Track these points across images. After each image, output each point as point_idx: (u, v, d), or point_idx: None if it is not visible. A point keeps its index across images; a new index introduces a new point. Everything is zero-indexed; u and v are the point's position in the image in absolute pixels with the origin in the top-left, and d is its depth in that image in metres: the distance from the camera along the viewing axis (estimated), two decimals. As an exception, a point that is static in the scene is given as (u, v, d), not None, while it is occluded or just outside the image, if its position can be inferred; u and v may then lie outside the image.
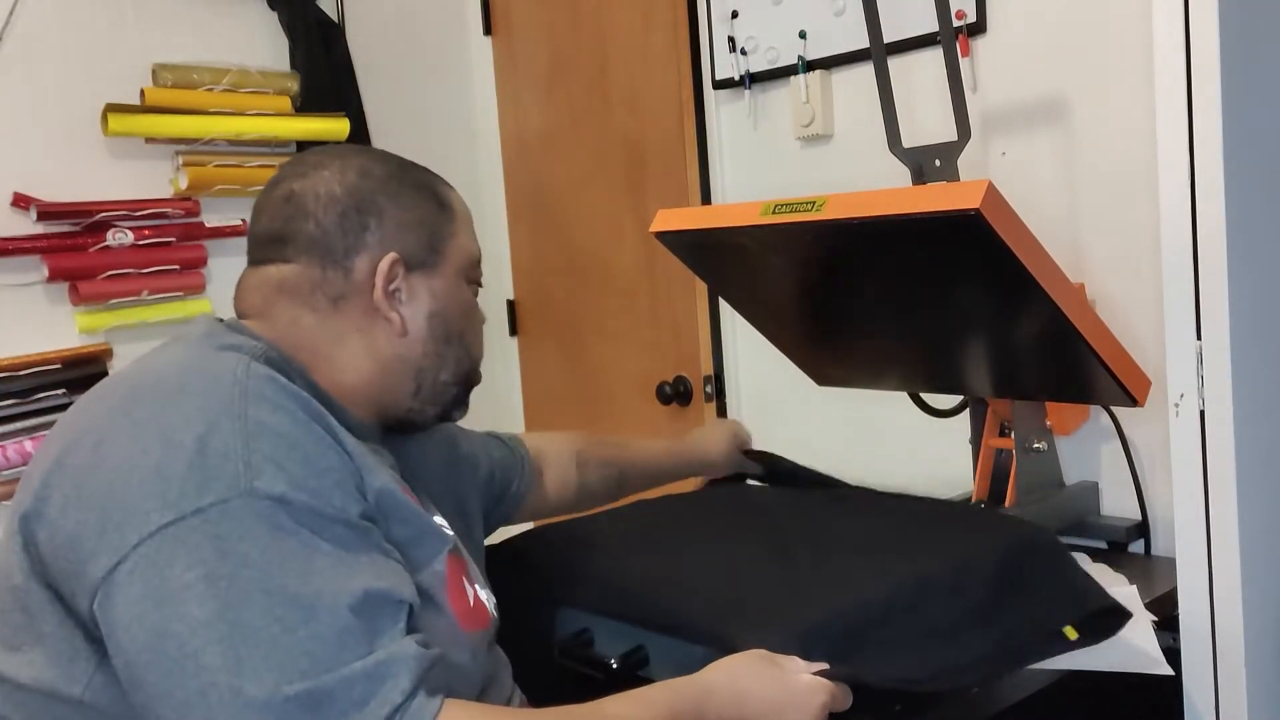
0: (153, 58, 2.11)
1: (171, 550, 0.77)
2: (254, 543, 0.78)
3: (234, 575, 0.76)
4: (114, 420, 0.85)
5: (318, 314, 0.98)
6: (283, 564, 0.78)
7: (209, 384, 0.86)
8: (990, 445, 1.56)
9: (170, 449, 0.80)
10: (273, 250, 1.00)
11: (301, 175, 1.01)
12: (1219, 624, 1.14)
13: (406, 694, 0.77)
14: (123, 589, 0.77)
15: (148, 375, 0.90)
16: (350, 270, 0.98)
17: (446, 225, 1.04)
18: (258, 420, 0.83)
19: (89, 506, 0.80)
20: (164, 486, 0.78)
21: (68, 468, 0.84)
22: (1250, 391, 1.12)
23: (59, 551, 0.81)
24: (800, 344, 1.60)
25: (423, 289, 1.01)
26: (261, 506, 0.79)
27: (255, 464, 0.80)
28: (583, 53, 2.37)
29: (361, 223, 0.99)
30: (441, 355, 1.03)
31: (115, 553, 0.77)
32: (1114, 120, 1.53)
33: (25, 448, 1.93)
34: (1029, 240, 1.15)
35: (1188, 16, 1.09)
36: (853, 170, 1.86)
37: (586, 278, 2.41)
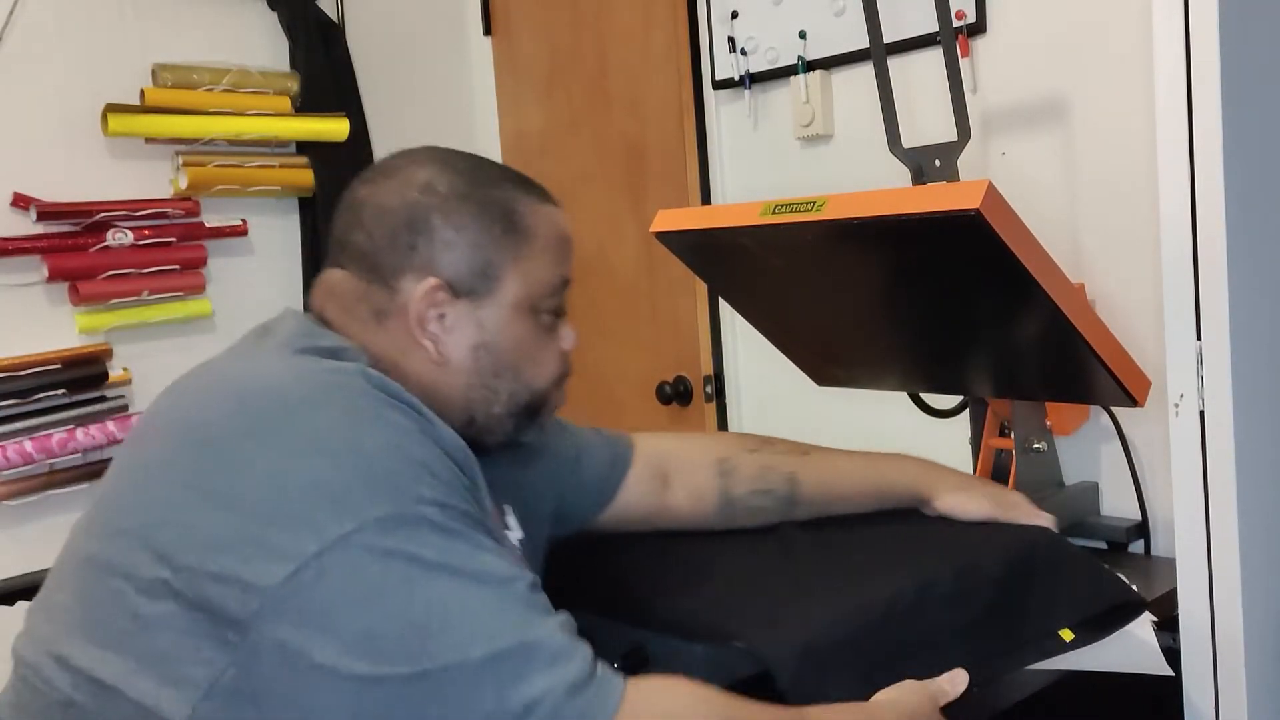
0: (153, 58, 2.11)
1: (360, 557, 0.76)
2: (430, 546, 0.78)
3: (427, 573, 0.77)
4: (242, 428, 0.83)
5: (363, 325, 0.96)
6: (460, 557, 0.79)
7: (338, 392, 0.85)
8: (990, 445, 1.56)
9: (324, 458, 0.80)
10: (335, 253, 0.99)
11: (371, 181, 0.99)
12: (1219, 624, 1.14)
13: (593, 656, 0.81)
14: (307, 594, 0.75)
15: (258, 382, 0.87)
16: (395, 290, 0.95)
17: (511, 250, 0.97)
18: (398, 424, 0.84)
19: (241, 513, 0.78)
20: (330, 496, 0.78)
21: (196, 474, 0.81)
22: (1250, 391, 1.12)
23: (203, 557, 0.78)
24: (800, 344, 1.60)
25: (469, 318, 0.96)
26: (431, 513, 0.79)
27: (414, 470, 0.81)
28: (583, 53, 2.37)
29: (410, 241, 0.95)
30: (491, 389, 0.98)
31: (291, 561, 0.75)
32: (1114, 120, 1.53)
33: (25, 448, 1.93)
34: (1029, 240, 1.15)
35: (1188, 16, 1.09)
36: (853, 170, 1.86)
37: (586, 278, 2.41)
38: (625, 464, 1.23)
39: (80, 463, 2.02)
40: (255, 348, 0.94)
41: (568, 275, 1.03)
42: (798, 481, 1.24)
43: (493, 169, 1.01)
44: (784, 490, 1.24)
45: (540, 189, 1.02)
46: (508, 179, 1.00)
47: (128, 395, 2.08)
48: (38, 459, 1.95)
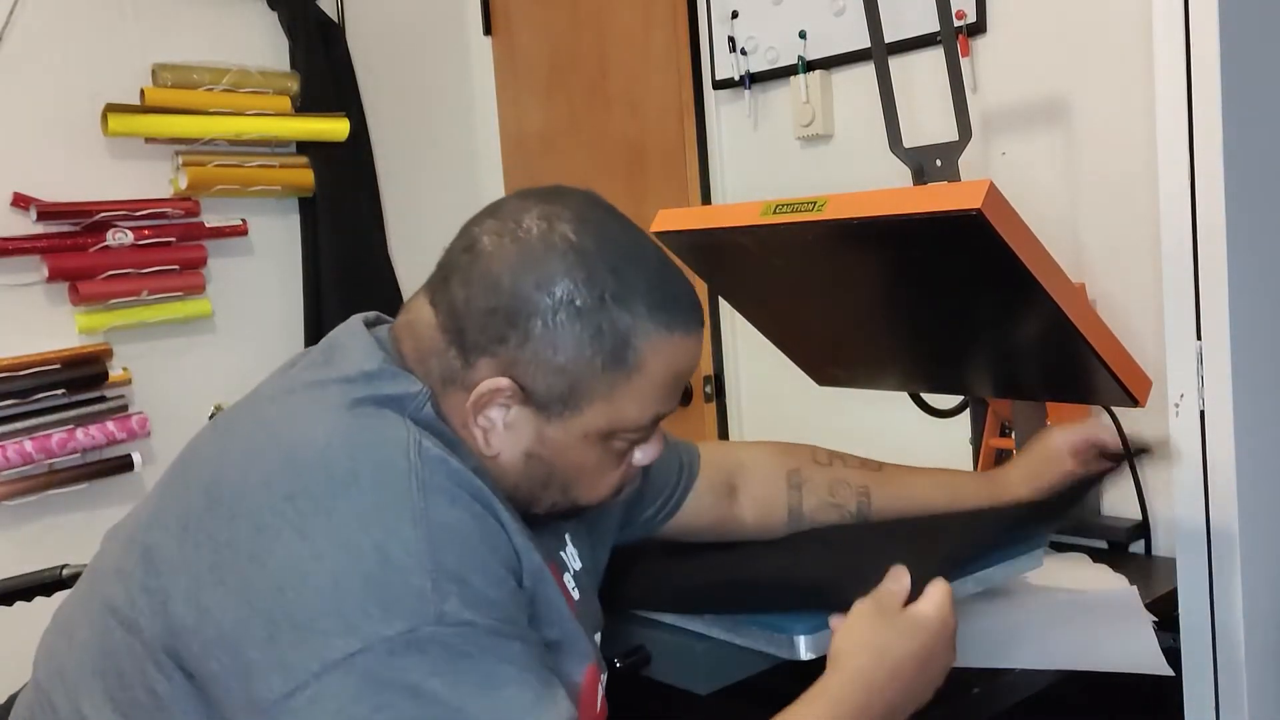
0: (153, 58, 2.11)
1: (357, 685, 0.72)
2: (443, 678, 0.73)
3: (424, 713, 0.72)
4: (274, 504, 0.78)
5: (429, 379, 0.87)
6: (474, 698, 0.74)
7: (382, 472, 0.79)
8: (990, 445, 1.56)
9: (348, 557, 0.75)
10: (433, 283, 0.90)
11: (497, 231, 0.86)
12: (1219, 624, 1.14)
13: None
14: (301, 718, 0.72)
15: (308, 447, 0.81)
16: (471, 366, 0.85)
17: (606, 384, 0.86)
18: (439, 523, 0.77)
19: (251, 608, 0.75)
20: (344, 606, 0.73)
21: (222, 547, 0.77)
22: (1250, 391, 1.12)
23: (209, 648, 0.75)
24: (800, 344, 1.60)
25: (530, 427, 0.87)
26: (448, 635, 0.74)
27: (441, 584, 0.75)
28: (583, 53, 2.37)
29: (502, 333, 0.84)
30: (535, 494, 0.90)
31: (291, 677, 0.72)
32: (1114, 120, 1.53)
33: (25, 448, 1.93)
34: (1029, 240, 1.15)
35: (1188, 16, 1.09)
36: (853, 170, 1.86)
37: (586, 278, 2.41)
38: (693, 474, 1.18)
39: (80, 463, 2.02)
40: (312, 385, 0.87)
41: (666, 411, 0.92)
42: (870, 497, 1.21)
43: (641, 271, 0.87)
44: (854, 506, 1.21)
45: (686, 310, 0.90)
46: (648, 293, 0.86)
47: (127, 395, 2.08)
48: (37, 459, 1.95)
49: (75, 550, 1.35)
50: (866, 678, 0.88)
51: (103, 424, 2.02)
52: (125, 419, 2.05)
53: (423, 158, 2.49)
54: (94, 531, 1.00)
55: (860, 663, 0.89)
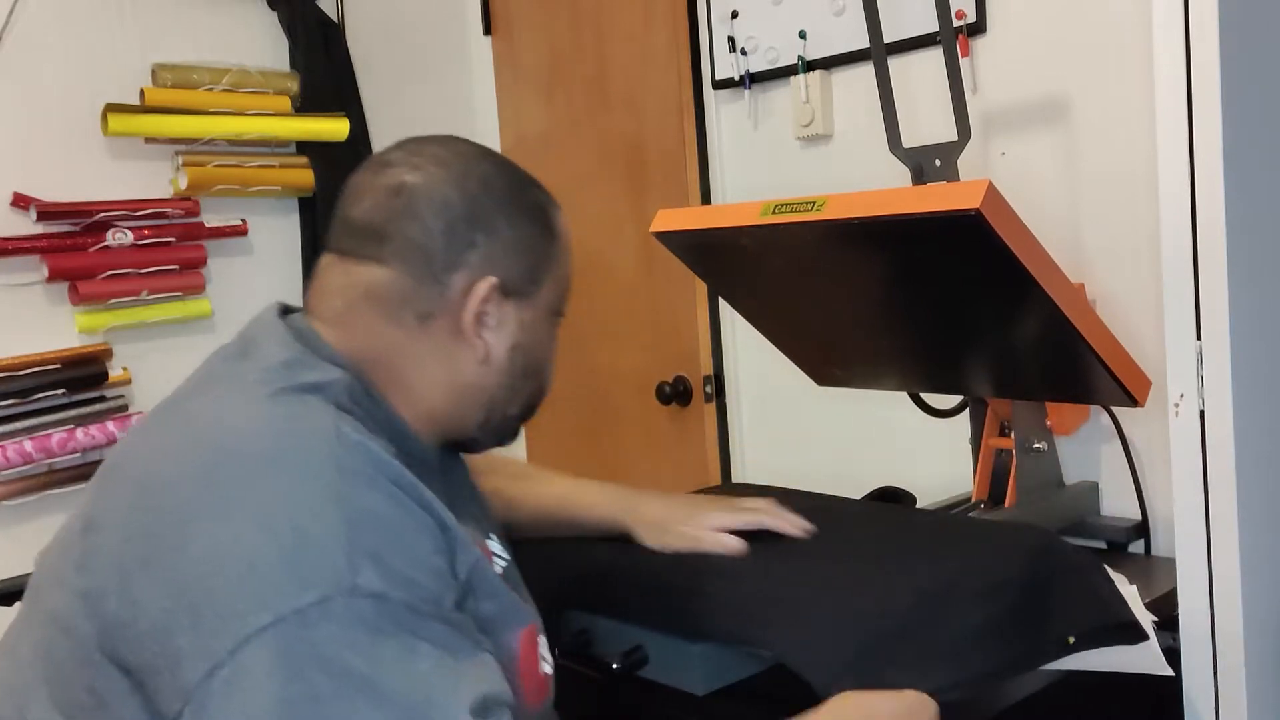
0: (153, 58, 2.12)
1: (270, 660, 0.71)
2: (355, 649, 0.73)
3: (339, 690, 0.72)
4: (198, 493, 0.79)
5: (402, 330, 0.91)
6: (391, 673, 0.73)
7: (303, 455, 0.80)
8: (990, 445, 1.56)
9: (266, 537, 0.75)
10: (368, 245, 0.92)
11: (416, 168, 0.93)
12: (1219, 624, 1.14)
13: None
14: (219, 702, 0.71)
15: (232, 435, 0.83)
16: (446, 287, 0.91)
17: (552, 254, 0.97)
18: (357, 505, 0.78)
19: (177, 595, 0.75)
20: (259, 583, 0.73)
21: (150, 541, 0.78)
22: (1250, 391, 1.12)
23: (143, 640, 0.75)
24: (800, 344, 1.60)
25: (513, 319, 0.95)
26: (362, 606, 0.74)
27: (356, 558, 0.75)
28: (583, 53, 2.37)
29: (469, 238, 0.91)
30: (516, 389, 0.97)
31: (209, 658, 0.72)
32: (1114, 120, 1.53)
33: (25, 448, 1.93)
34: (1029, 240, 1.15)
35: (1188, 16, 1.09)
36: (853, 170, 1.86)
37: (586, 278, 2.40)
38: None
39: (80, 463, 2.02)
40: (233, 379, 0.89)
41: (570, 278, 1.03)
42: (512, 509, 1.24)
43: (522, 172, 0.99)
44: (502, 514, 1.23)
45: (546, 190, 1.01)
46: (535, 181, 0.99)
47: (127, 395, 2.08)
48: (37, 459, 1.95)
49: (75, 550, 1.35)
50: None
51: (103, 424, 2.02)
52: (125, 419, 2.05)
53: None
54: (93, 531, 1.00)
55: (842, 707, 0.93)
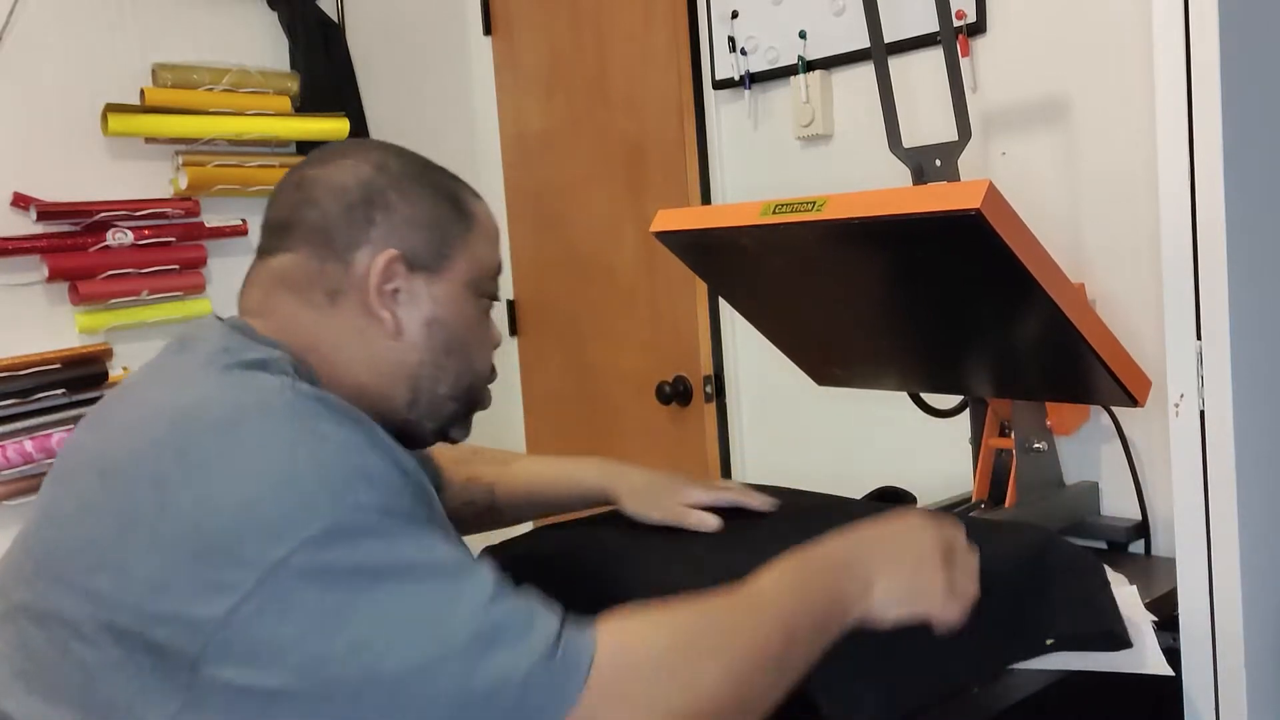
0: (153, 58, 2.12)
1: (296, 582, 0.74)
2: (375, 553, 0.77)
3: (374, 582, 0.75)
4: (167, 458, 0.80)
5: (315, 310, 0.95)
6: (406, 555, 0.78)
7: (265, 410, 0.83)
8: (990, 445, 1.56)
9: (253, 480, 0.77)
10: (277, 238, 0.98)
11: (319, 163, 0.99)
12: (1219, 624, 1.14)
13: (561, 617, 0.80)
14: (251, 628, 0.74)
15: (189, 408, 0.83)
16: (349, 264, 0.95)
17: (461, 231, 1.00)
18: (330, 438, 0.81)
19: (172, 552, 0.76)
20: (263, 520, 0.75)
21: (126, 512, 0.79)
22: (1250, 391, 1.12)
23: (140, 602, 0.76)
24: (800, 344, 1.60)
25: (424, 293, 0.98)
26: (368, 519, 0.77)
27: (349, 481, 0.79)
28: (583, 53, 2.37)
29: (368, 215, 0.96)
30: (440, 366, 0.99)
31: (231, 593, 0.74)
32: (1114, 120, 1.53)
33: (25, 448, 1.93)
34: (1029, 240, 1.15)
35: (1188, 16, 1.09)
36: (853, 170, 1.86)
37: (586, 278, 2.41)
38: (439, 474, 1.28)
39: (80, 463, 2.02)
40: (177, 366, 0.91)
41: (500, 264, 1.06)
42: (495, 491, 1.29)
43: (432, 162, 1.04)
44: (484, 500, 1.29)
45: (469, 185, 1.06)
46: (449, 172, 1.04)
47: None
48: (38, 459, 1.95)
49: (75, 550, 1.35)
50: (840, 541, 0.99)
51: (103, 424, 2.02)
52: (125, 419, 2.05)
53: (423, 158, 2.49)
54: (93, 531, 1.00)
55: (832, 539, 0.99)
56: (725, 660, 0.83)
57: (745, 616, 0.87)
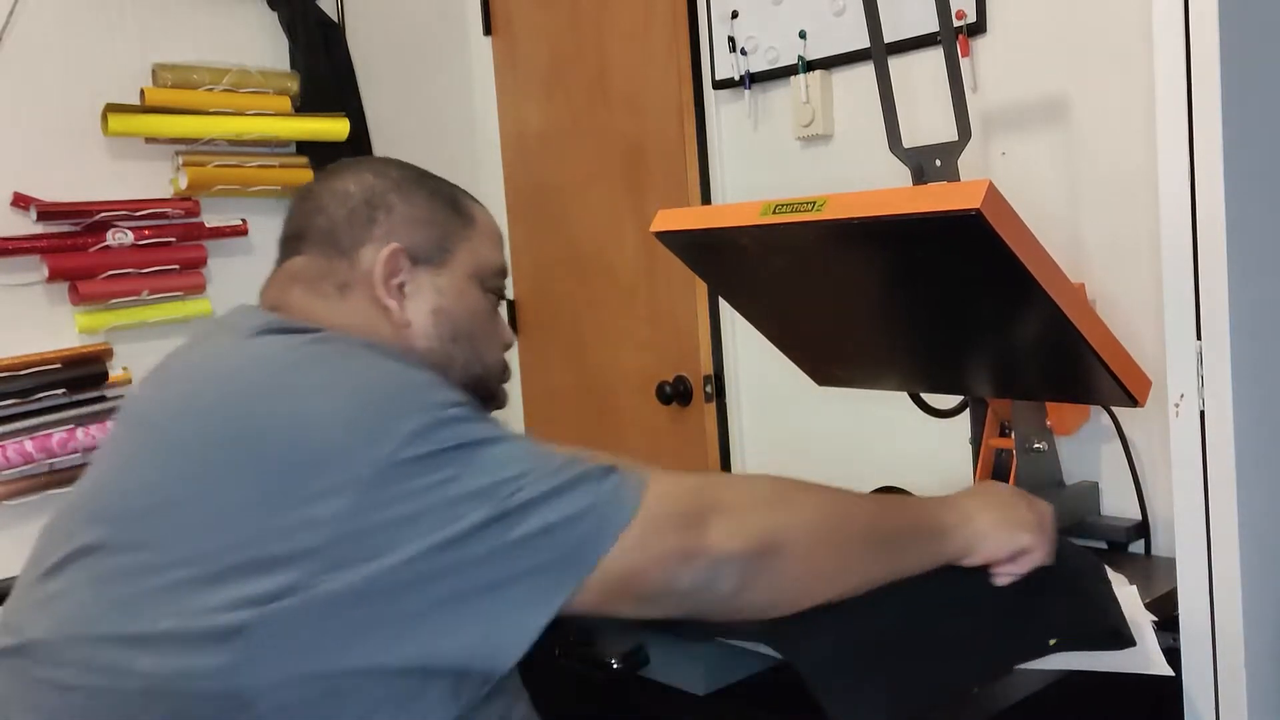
0: (153, 58, 2.11)
1: (409, 467, 0.81)
2: (467, 430, 0.84)
3: (474, 451, 0.83)
4: (250, 392, 0.86)
5: (327, 301, 1.01)
6: (494, 429, 0.86)
7: (333, 345, 0.91)
8: (990, 445, 1.56)
9: (349, 394, 0.84)
10: (290, 247, 1.06)
11: (324, 178, 1.07)
12: (1219, 624, 1.14)
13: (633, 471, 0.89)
14: (376, 516, 0.79)
15: (257, 355, 0.91)
16: (355, 261, 1.02)
17: (460, 229, 1.07)
18: (393, 364, 0.90)
19: (277, 468, 0.81)
20: (363, 428, 0.82)
21: (220, 446, 0.84)
22: (1250, 391, 1.12)
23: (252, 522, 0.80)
24: (800, 344, 1.60)
25: (428, 284, 1.03)
26: (458, 412, 0.85)
27: (427, 384, 0.88)
28: (583, 53, 2.37)
29: (370, 216, 1.03)
30: (448, 354, 1.04)
31: (346, 492, 0.79)
32: (1114, 120, 1.53)
33: (25, 448, 1.93)
34: (1029, 240, 1.15)
35: (1188, 16, 1.09)
36: (853, 170, 1.86)
37: (586, 278, 2.41)
38: None
39: (80, 463, 2.02)
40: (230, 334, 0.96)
41: (505, 265, 1.12)
42: None
43: (430, 172, 1.11)
44: None
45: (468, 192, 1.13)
46: (447, 180, 1.11)
47: (128, 395, 2.08)
48: (38, 459, 1.95)
49: (75, 550, 1.35)
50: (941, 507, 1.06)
51: (103, 424, 2.02)
52: (125, 419, 2.05)
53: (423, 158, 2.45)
54: (93, 531, 1.00)
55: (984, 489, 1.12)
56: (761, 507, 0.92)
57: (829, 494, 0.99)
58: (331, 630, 0.79)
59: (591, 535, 0.83)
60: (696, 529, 0.86)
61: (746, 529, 0.88)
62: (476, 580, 0.81)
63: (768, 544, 0.89)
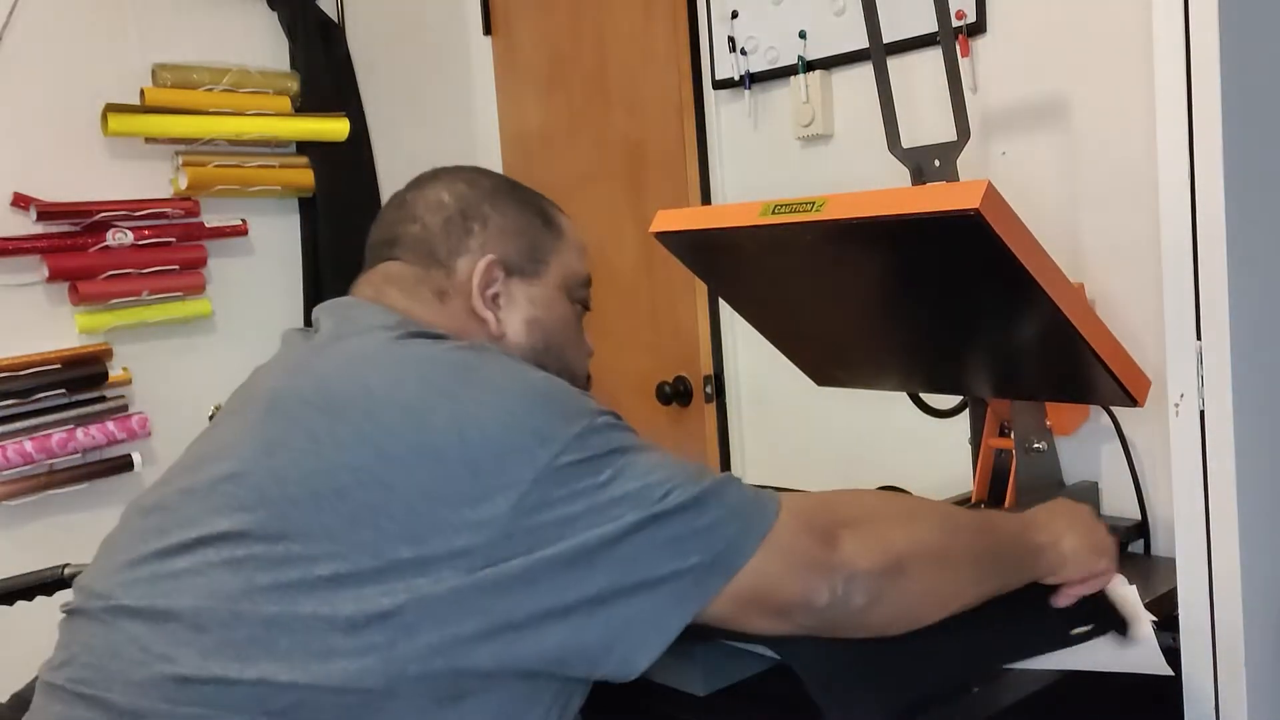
0: (153, 58, 2.12)
1: (570, 470, 0.83)
2: (620, 437, 0.87)
3: (630, 453, 0.87)
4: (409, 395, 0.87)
5: (424, 304, 1.02)
6: (640, 439, 0.89)
7: (486, 351, 0.94)
8: (990, 445, 1.56)
9: (514, 398, 0.87)
10: (383, 251, 1.06)
11: (415, 187, 1.09)
12: (1219, 624, 1.14)
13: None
14: (540, 514, 0.81)
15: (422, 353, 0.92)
16: (453, 270, 1.04)
17: (551, 240, 1.09)
18: (540, 373, 0.93)
19: (439, 464, 0.82)
20: (529, 430, 0.84)
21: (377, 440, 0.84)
22: (1250, 391, 1.12)
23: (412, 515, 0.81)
24: (800, 344, 1.60)
25: (521, 295, 1.06)
26: (608, 419, 0.88)
27: (580, 396, 0.91)
28: (583, 53, 2.37)
29: (465, 227, 1.05)
30: (540, 364, 1.02)
31: (511, 491, 0.81)
32: (1114, 120, 1.53)
33: (25, 448, 1.93)
34: (1029, 240, 1.15)
35: (1188, 16, 1.09)
36: (853, 170, 1.86)
37: (586, 278, 2.41)
38: None
39: (80, 463, 2.02)
40: (367, 335, 0.95)
41: (589, 275, 1.14)
42: None
43: (514, 180, 1.13)
44: None
45: (554, 202, 1.14)
46: (533, 190, 1.13)
47: (128, 395, 2.08)
48: (38, 459, 1.95)
49: (75, 550, 1.35)
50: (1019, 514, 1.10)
51: (103, 424, 2.02)
52: (125, 419, 2.05)
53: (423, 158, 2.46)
54: (94, 531, 1.00)
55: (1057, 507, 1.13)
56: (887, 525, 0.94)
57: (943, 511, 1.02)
58: (474, 623, 0.80)
59: (737, 540, 0.86)
60: (831, 544, 0.89)
61: (879, 545, 0.91)
62: (625, 579, 0.83)
63: (896, 561, 0.91)
